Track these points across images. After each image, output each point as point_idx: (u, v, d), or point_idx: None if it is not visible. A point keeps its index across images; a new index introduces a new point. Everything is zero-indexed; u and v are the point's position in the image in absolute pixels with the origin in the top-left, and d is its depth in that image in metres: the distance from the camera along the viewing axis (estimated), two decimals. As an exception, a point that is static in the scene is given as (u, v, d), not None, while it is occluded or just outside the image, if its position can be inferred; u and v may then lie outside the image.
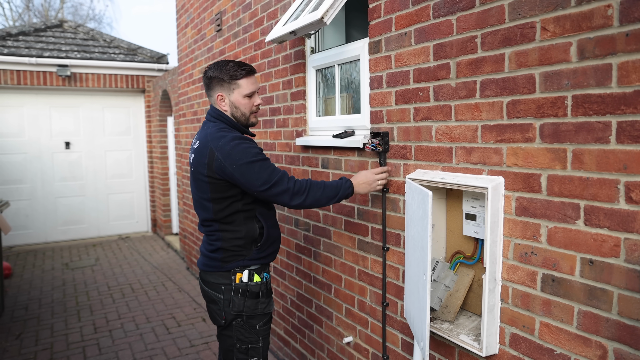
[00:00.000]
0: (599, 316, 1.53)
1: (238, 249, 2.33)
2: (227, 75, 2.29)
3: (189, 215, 6.22)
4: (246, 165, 2.17)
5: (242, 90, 2.31)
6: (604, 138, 1.48)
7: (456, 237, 2.22)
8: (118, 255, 7.45)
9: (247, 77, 2.32)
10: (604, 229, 1.50)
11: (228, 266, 2.34)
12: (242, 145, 2.20)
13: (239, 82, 2.30)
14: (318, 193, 2.28)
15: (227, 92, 2.32)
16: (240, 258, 2.33)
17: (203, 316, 4.87)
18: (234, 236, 2.32)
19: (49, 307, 5.23)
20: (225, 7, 4.51)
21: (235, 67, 2.30)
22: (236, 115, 2.35)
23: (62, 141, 8.36)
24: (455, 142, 2.02)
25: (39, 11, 21.51)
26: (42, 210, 8.28)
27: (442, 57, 2.05)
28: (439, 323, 2.15)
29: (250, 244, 2.34)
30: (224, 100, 2.34)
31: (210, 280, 2.38)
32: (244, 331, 2.36)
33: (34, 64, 7.83)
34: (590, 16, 1.49)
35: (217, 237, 2.34)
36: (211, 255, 2.37)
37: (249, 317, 2.35)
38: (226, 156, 2.17)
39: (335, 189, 2.32)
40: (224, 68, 2.30)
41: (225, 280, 2.34)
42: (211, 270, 2.38)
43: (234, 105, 2.33)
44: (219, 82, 2.31)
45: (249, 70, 2.33)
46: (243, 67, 2.32)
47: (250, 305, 2.34)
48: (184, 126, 6.22)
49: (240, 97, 2.32)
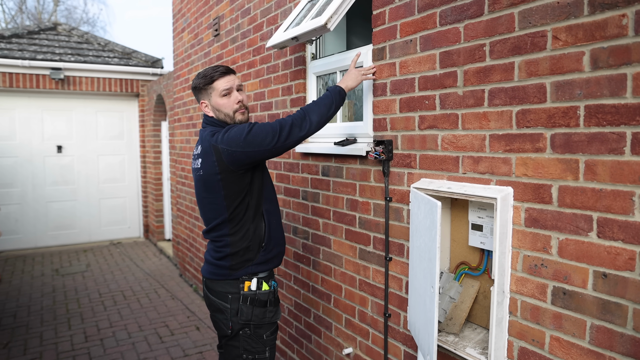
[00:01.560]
0: (613, 331, 1.50)
1: (246, 252, 2.30)
2: (202, 81, 2.33)
3: (183, 221, 6.15)
4: (247, 136, 2.17)
5: (217, 92, 2.32)
6: (618, 149, 1.45)
7: (461, 247, 2.19)
8: (109, 261, 7.34)
9: (221, 77, 2.32)
10: (618, 241, 1.47)
11: (236, 274, 2.31)
12: (234, 128, 2.24)
13: (213, 85, 2.31)
14: (316, 108, 2.28)
15: (207, 97, 2.35)
16: (249, 263, 2.31)
17: (197, 325, 4.80)
18: (242, 238, 2.30)
19: (38, 315, 5.12)
20: (223, 12, 4.47)
21: (209, 71, 2.34)
22: (220, 117, 2.35)
23: (54, 145, 8.26)
24: (462, 151, 1.99)
25: (32, 14, 21.36)
26: (32, 215, 8.16)
27: (449, 65, 2.02)
28: (444, 335, 2.11)
29: (257, 245, 2.32)
30: (207, 106, 2.37)
31: (217, 289, 2.34)
32: (251, 341, 2.31)
33: (27, 66, 7.74)
34: (604, 25, 1.46)
35: (225, 242, 2.30)
36: (218, 263, 2.33)
37: (257, 326, 2.32)
38: (229, 142, 2.19)
39: (327, 97, 2.33)
40: (201, 75, 2.35)
41: (232, 289, 2.30)
42: (218, 278, 2.33)
43: (215, 109, 2.34)
44: (199, 90, 2.36)
45: (222, 72, 2.33)
46: (216, 68, 2.33)
47: (259, 314, 2.30)
48: (179, 131, 6.16)
49: (217, 98, 2.32)
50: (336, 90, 2.35)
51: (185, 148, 5.88)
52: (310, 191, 3.17)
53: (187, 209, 5.91)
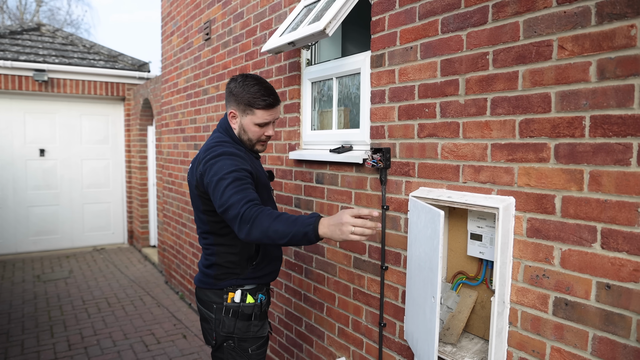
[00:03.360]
0: (616, 342, 1.49)
1: (232, 265, 2.22)
2: (245, 99, 2.16)
3: (169, 227, 6.06)
4: (216, 181, 1.97)
5: (254, 119, 2.19)
6: (624, 160, 1.45)
7: (459, 257, 2.17)
8: (93, 267, 7.19)
9: (265, 109, 2.18)
10: (623, 252, 1.46)
11: (221, 284, 2.23)
12: (224, 161, 2.03)
13: (255, 111, 2.17)
14: (266, 223, 1.78)
15: (240, 112, 2.20)
16: (234, 277, 2.23)
17: (183, 333, 4.71)
18: (228, 251, 2.22)
19: (19, 322, 4.97)
20: (215, 15, 4.43)
21: (258, 94, 2.15)
22: (242, 137, 2.24)
23: (36, 148, 8.09)
24: (463, 160, 1.98)
25: (14, 14, 21.04)
26: (13, 219, 7.97)
27: (451, 73, 2.01)
28: (442, 345, 2.09)
29: (246, 262, 2.24)
30: (235, 117, 2.23)
31: (203, 297, 2.28)
32: (235, 354, 2.24)
33: (9, 67, 7.57)
34: (611, 36, 1.46)
35: (212, 251, 2.24)
36: (205, 271, 2.27)
37: (240, 339, 2.23)
38: (207, 169, 2.05)
39: (292, 223, 1.77)
40: (247, 90, 2.16)
41: (217, 299, 2.24)
42: (204, 287, 2.28)
43: (242, 128, 2.22)
44: (235, 100, 2.19)
45: (270, 104, 2.17)
46: (266, 97, 2.16)
47: (242, 327, 2.22)
48: (166, 136, 6.08)
49: (251, 124, 2.20)
50: (308, 222, 1.76)
51: (172, 153, 5.80)
52: (303, 198, 3.13)
53: (174, 215, 5.82)
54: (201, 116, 4.82)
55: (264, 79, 2.23)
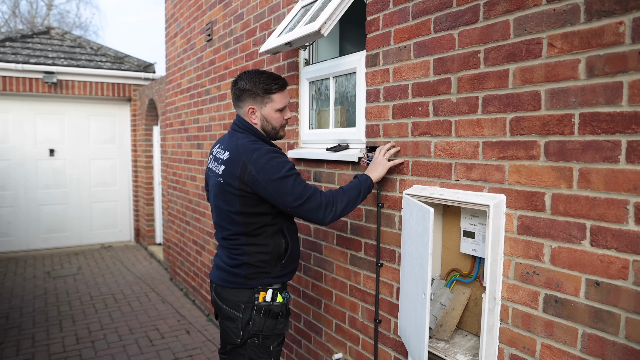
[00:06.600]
0: (605, 339, 1.49)
1: (263, 265, 2.23)
2: (260, 88, 2.20)
3: (174, 225, 6.11)
4: (279, 180, 2.06)
5: (274, 105, 2.23)
6: (612, 157, 1.45)
7: (452, 254, 2.18)
8: (100, 264, 7.28)
9: (281, 91, 2.24)
10: (612, 250, 1.46)
11: (252, 283, 2.23)
12: (276, 160, 2.10)
13: (273, 97, 2.22)
14: (344, 198, 2.17)
15: (259, 105, 2.23)
16: (265, 275, 2.24)
17: (187, 328, 4.75)
18: (260, 250, 2.22)
19: (30, 316, 5.08)
20: (216, 17, 4.46)
21: (269, 80, 2.21)
22: (266, 128, 2.27)
23: (46, 148, 8.20)
24: (455, 158, 1.99)
25: (25, 18, 21.28)
26: (24, 218, 8.09)
27: (443, 72, 2.02)
28: (435, 342, 2.10)
29: (276, 260, 2.25)
30: (255, 112, 2.24)
31: (229, 297, 2.27)
32: (258, 351, 2.25)
33: (20, 70, 7.71)
34: (600, 33, 1.46)
35: (243, 251, 2.22)
36: (233, 270, 2.24)
37: (265, 337, 2.25)
38: (260, 170, 2.07)
39: (355, 187, 2.22)
40: (258, 80, 2.20)
41: (245, 298, 2.23)
42: (231, 286, 2.26)
43: (265, 119, 2.25)
44: (251, 94, 2.21)
45: (282, 84, 2.25)
46: (277, 80, 2.23)
47: (270, 325, 2.24)
48: (170, 136, 6.13)
49: (272, 111, 2.24)
50: (363, 178, 2.25)
51: (176, 153, 5.85)
52: (302, 196, 3.15)
53: (178, 214, 5.87)
54: (203, 116, 4.86)
55: (263, 69, 2.26)
